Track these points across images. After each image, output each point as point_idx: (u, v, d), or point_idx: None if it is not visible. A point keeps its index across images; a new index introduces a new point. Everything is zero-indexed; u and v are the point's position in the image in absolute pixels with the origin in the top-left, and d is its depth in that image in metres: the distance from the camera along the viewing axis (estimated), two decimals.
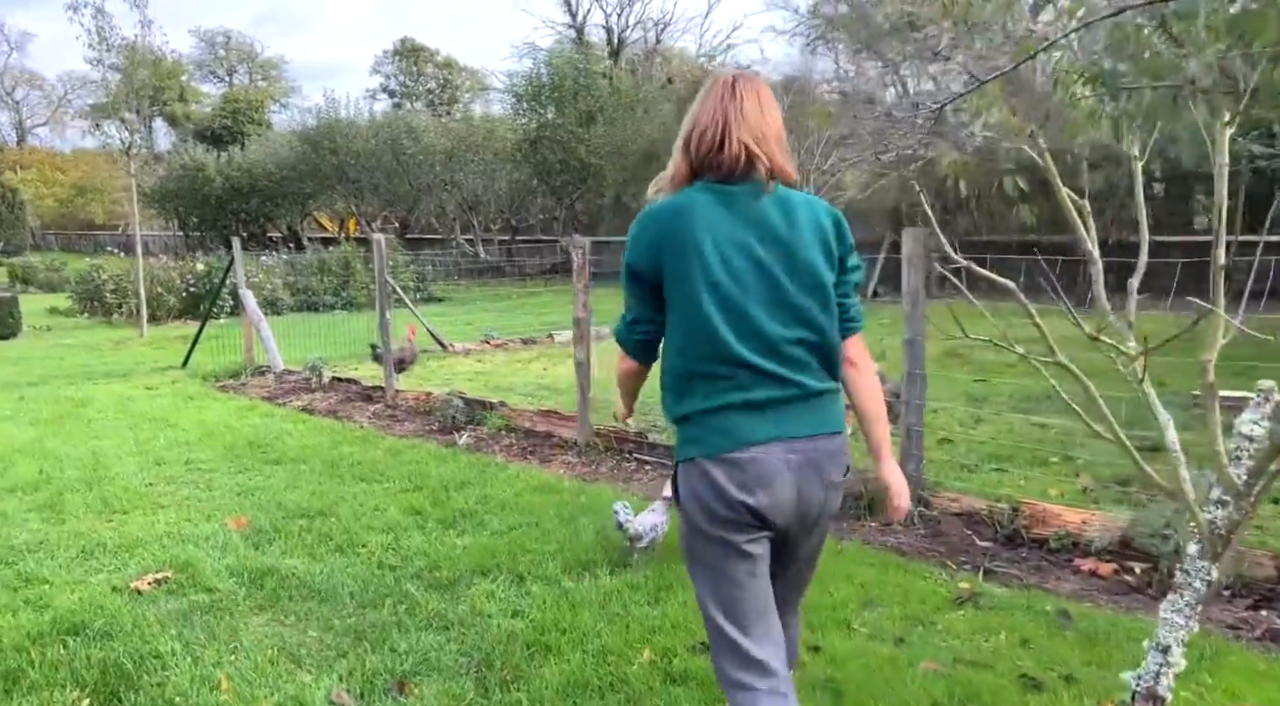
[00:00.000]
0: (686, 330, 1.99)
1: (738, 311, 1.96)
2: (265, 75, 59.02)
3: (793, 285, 1.98)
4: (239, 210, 29.51)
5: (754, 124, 2.02)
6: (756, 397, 1.96)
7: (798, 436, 1.97)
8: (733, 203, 2.00)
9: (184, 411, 7.82)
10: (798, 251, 1.99)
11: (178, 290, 16.33)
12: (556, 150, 19.69)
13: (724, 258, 1.97)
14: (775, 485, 1.94)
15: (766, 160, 2.00)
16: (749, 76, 2.11)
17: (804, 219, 2.02)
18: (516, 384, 8.91)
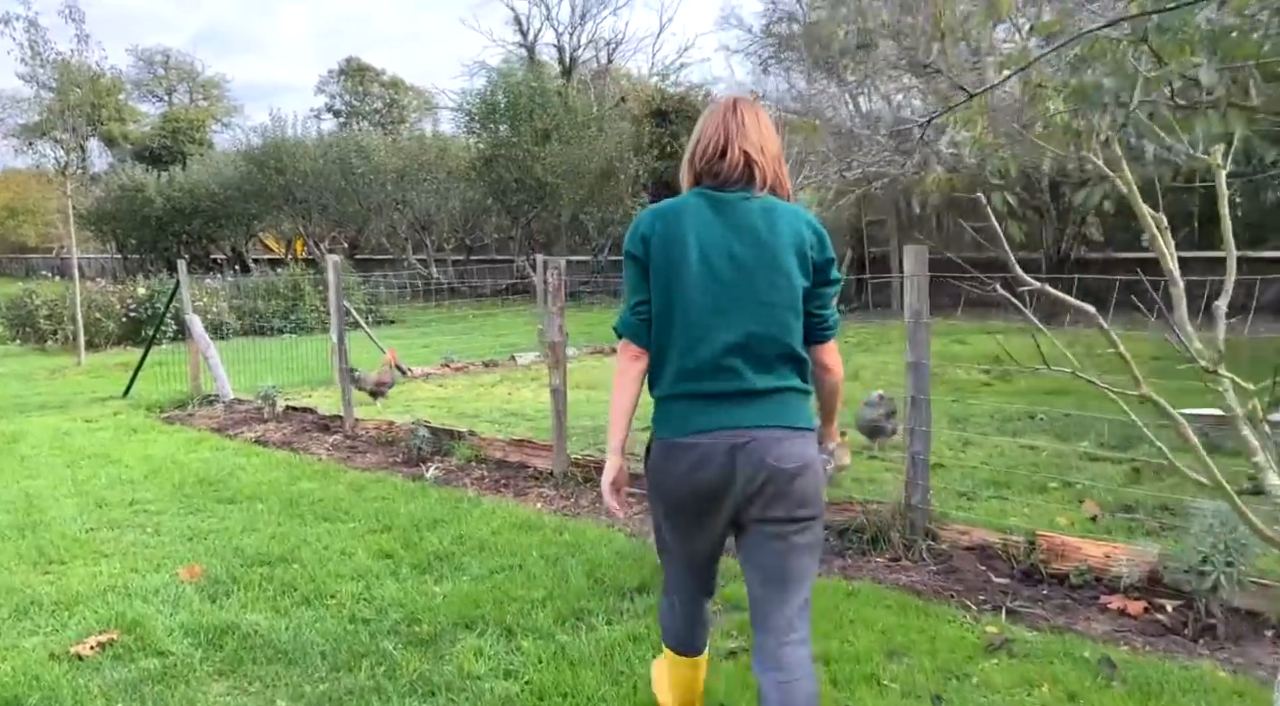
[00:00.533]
0: (668, 323, 2.22)
1: (711, 306, 2.18)
2: (206, 95, 57.84)
3: (767, 290, 2.18)
4: (180, 231, 28.60)
5: (753, 138, 2.26)
6: (713, 390, 2.18)
7: (745, 426, 2.15)
8: (721, 207, 2.22)
9: (127, 446, 7.33)
10: (778, 258, 2.19)
11: (117, 315, 15.65)
12: (512, 168, 19.37)
13: (704, 255, 2.18)
14: (709, 471, 2.15)
15: (764, 170, 2.24)
16: (747, 100, 2.34)
17: (785, 227, 2.21)
18: (482, 410, 8.56)
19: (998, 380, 8.86)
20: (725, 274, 2.18)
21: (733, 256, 2.19)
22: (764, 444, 2.15)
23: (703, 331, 2.18)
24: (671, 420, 2.23)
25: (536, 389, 9.85)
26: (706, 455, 2.16)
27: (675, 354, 2.22)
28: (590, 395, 9.34)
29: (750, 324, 2.17)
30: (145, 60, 55.95)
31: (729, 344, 2.17)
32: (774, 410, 2.19)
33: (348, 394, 7.64)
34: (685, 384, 2.21)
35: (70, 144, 12.33)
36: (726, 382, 2.17)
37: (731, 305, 2.17)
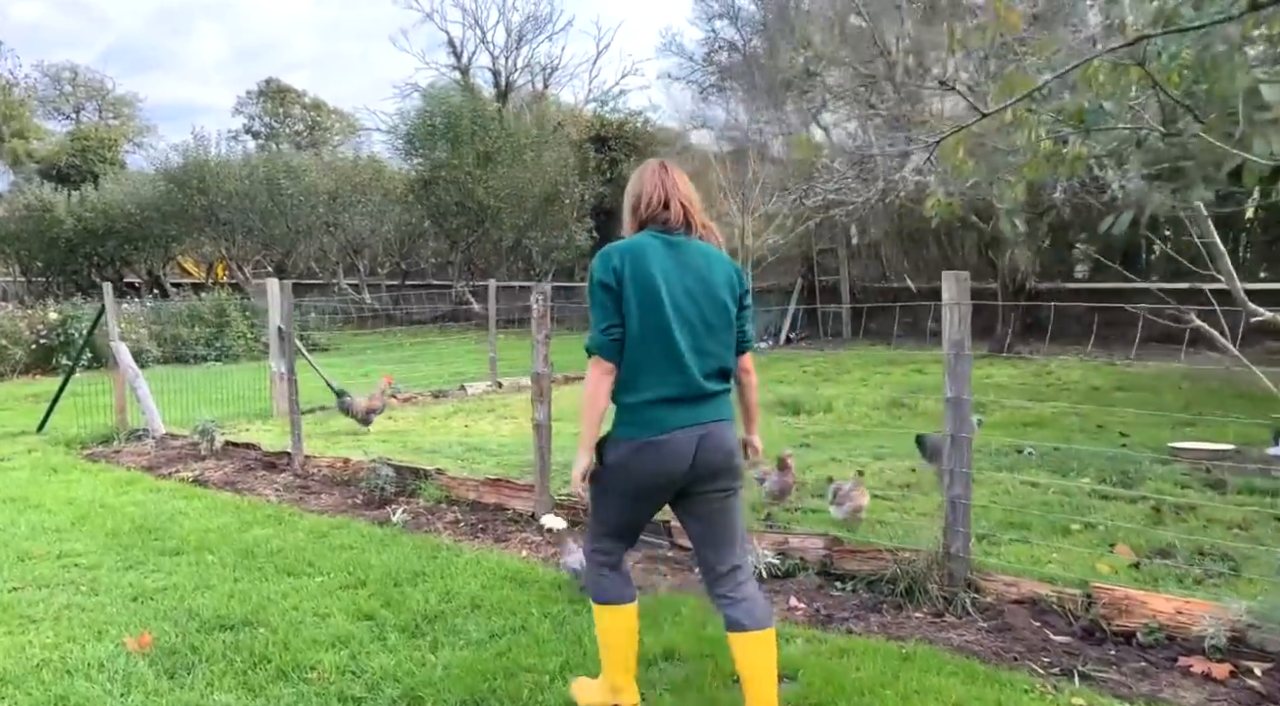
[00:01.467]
0: (644, 341, 2.71)
1: (677, 328, 2.72)
2: (117, 113, 55.75)
3: (711, 315, 2.78)
4: (92, 254, 27.11)
5: (684, 192, 2.85)
6: (681, 394, 2.72)
7: (702, 422, 2.74)
8: (674, 248, 2.78)
9: (47, 487, 6.61)
10: (716, 290, 2.79)
11: (26, 343, 14.56)
12: (452, 191, 18.83)
13: (670, 288, 2.72)
14: (680, 458, 2.72)
15: (696, 219, 2.83)
16: (670, 162, 2.94)
17: (718, 267, 2.83)
18: (440, 444, 8.03)
19: None
20: (684, 302, 2.75)
21: (687, 289, 2.76)
22: (715, 433, 2.78)
23: (672, 349, 2.71)
24: (648, 422, 2.73)
25: (494, 421, 9.36)
26: (679, 445, 2.72)
27: (650, 367, 2.72)
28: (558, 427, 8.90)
29: (703, 342, 2.76)
30: (51, 77, 53.70)
31: (690, 358, 2.74)
32: (720, 408, 2.82)
33: (297, 428, 7.05)
34: (659, 391, 2.72)
35: None
36: (689, 389, 2.73)
37: (690, 327, 2.74)
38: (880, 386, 10.36)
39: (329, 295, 23.36)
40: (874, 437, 7.64)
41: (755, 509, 5.41)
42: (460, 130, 18.73)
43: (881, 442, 7.35)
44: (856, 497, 4.80)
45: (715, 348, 2.78)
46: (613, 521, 2.93)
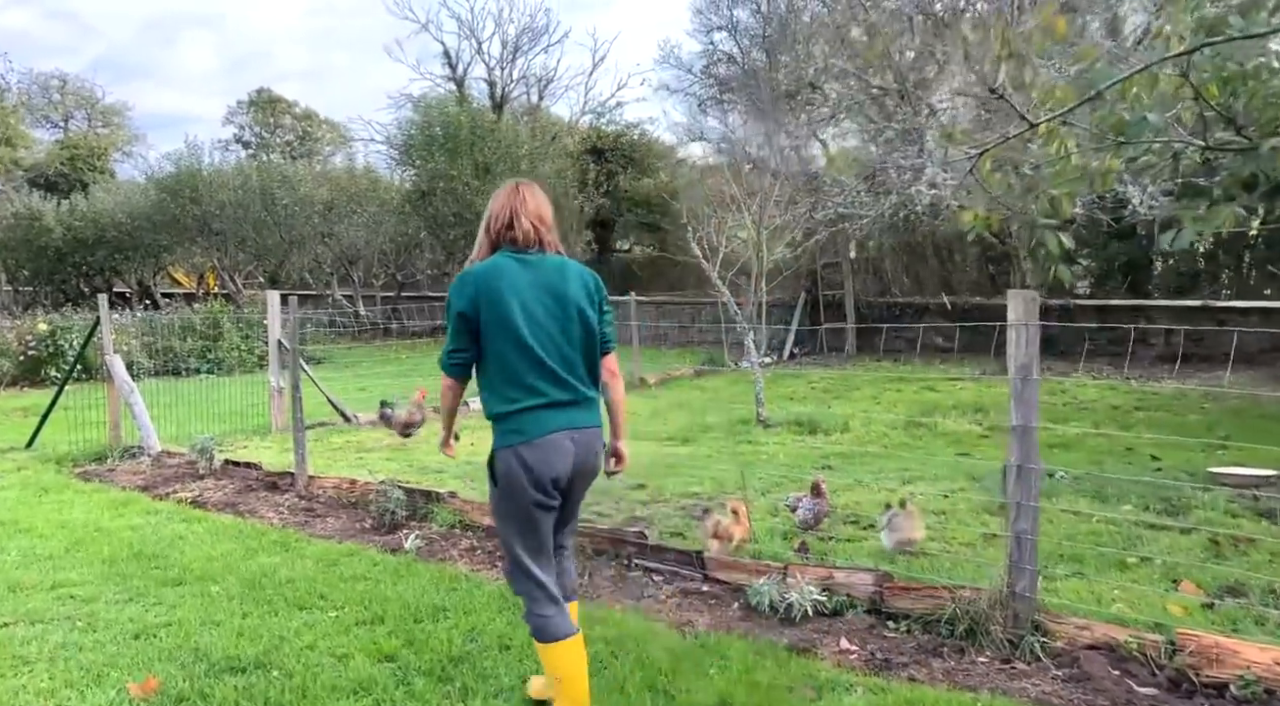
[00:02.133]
0: (504, 356, 2.89)
1: (539, 342, 2.89)
2: (106, 122, 55.40)
3: (570, 325, 2.94)
4: (81, 263, 26.70)
5: (533, 211, 2.99)
6: (555, 399, 2.91)
7: (576, 426, 2.94)
8: (528, 266, 2.93)
9: (38, 509, 6.30)
10: (573, 301, 2.95)
11: (14, 354, 14.20)
12: (450, 202, 18.57)
13: (525, 305, 2.88)
14: (563, 458, 2.90)
15: (546, 236, 2.99)
16: (528, 182, 3.11)
17: (574, 278, 2.99)
18: (446, 464, 7.75)
19: (995, 431, 8.48)
20: (542, 317, 2.91)
21: (544, 303, 2.92)
22: (586, 437, 2.99)
23: (536, 361, 2.89)
24: (526, 428, 2.90)
25: None
26: (560, 446, 2.91)
27: (518, 381, 2.90)
28: None
29: (566, 352, 2.95)
30: (40, 85, 53.29)
31: (556, 367, 2.92)
32: (591, 414, 3.01)
33: (301, 447, 6.76)
34: (532, 399, 2.90)
35: None
36: (559, 395, 2.92)
37: (550, 340, 2.92)
38: (894, 405, 10.13)
39: (322, 306, 23.05)
40: (896, 459, 7.40)
41: (787, 537, 5.16)
42: (459, 141, 18.49)
43: (906, 465, 7.11)
44: (908, 529, 4.56)
45: (578, 356, 2.99)
46: (527, 538, 3.01)
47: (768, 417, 8.88)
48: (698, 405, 10.90)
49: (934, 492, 6.09)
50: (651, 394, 12.17)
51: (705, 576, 4.53)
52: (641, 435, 8.99)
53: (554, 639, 2.97)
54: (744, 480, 5.66)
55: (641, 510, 6.02)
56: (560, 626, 2.99)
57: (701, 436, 8.77)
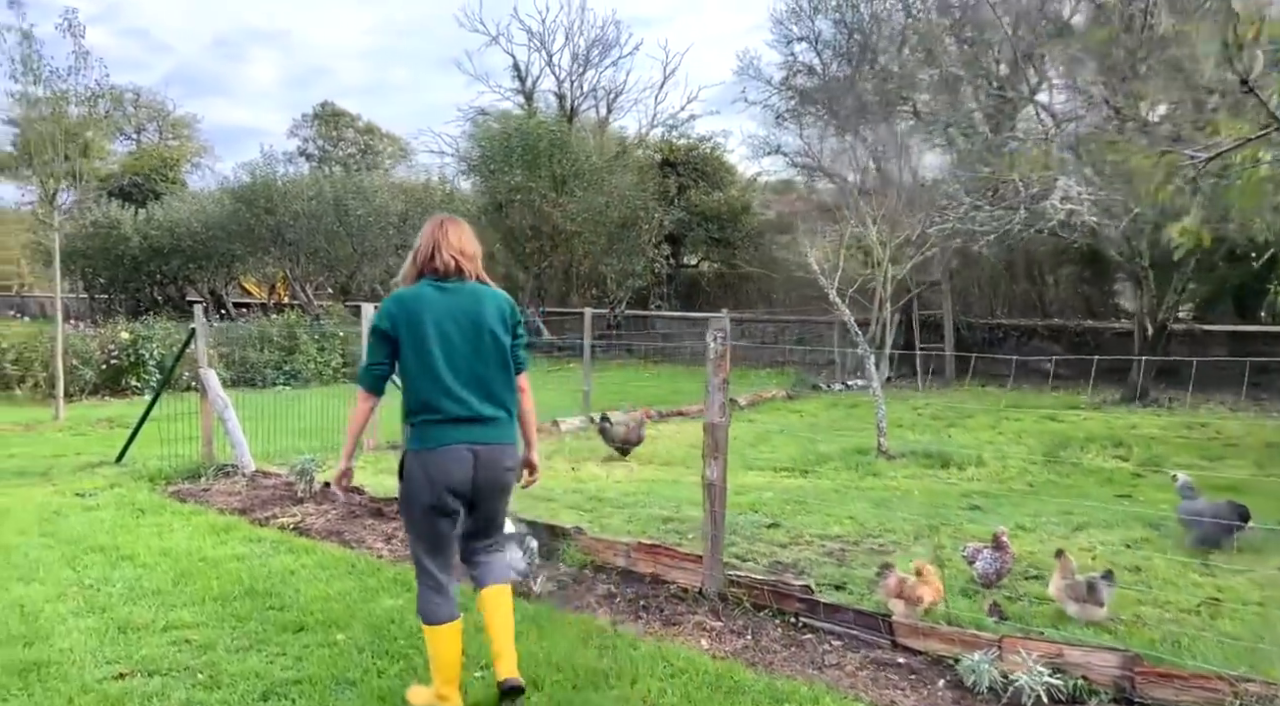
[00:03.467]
0: (418, 374, 3.26)
1: (450, 363, 3.25)
2: (176, 134, 56.75)
3: (482, 347, 3.30)
4: (155, 272, 27.01)
5: (454, 244, 3.35)
6: (457, 415, 3.26)
7: (478, 442, 3.29)
8: (446, 293, 3.30)
9: (138, 533, 5.95)
10: (485, 325, 3.31)
11: (96, 363, 14.13)
12: (527, 215, 18.26)
13: (441, 329, 3.26)
14: (461, 468, 3.26)
15: (466, 267, 3.34)
16: (453, 217, 3.50)
17: (489, 304, 3.36)
18: (554, 491, 7.28)
19: (1146, 469, 7.75)
20: (455, 339, 3.24)
21: (458, 325, 3.25)
22: (490, 453, 3.29)
23: (443, 379, 3.21)
24: (428, 438, 3.24)
25: (603, 465, 8.60)
26: (458, 456, 3.24)
27: (428, 395, 3.22)
28: (666, 474, 8.14)
29: (477, 371, 3.27)
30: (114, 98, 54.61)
31: (462, 387, 3.24)
32: (498, 430, 3.33)
33: None
34: (436, 413, 3.22)
35: (57, 170, 10.96)
36: (463, 411, 3.24)
37: (462, 360, 3.24)
38: (1019, 436, 9.44)
39: None
40: (1046, 500, 6.74)
41: (968, 594, 4.57)
42: (538, 152, 18.17)
43: (1064, 508, 6.45)
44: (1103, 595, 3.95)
45: (489, 375, 3.28)
46: (423, 533, 3.35)
47: (889, 448, 8.27)
48: (801, 430, 10.33)
49: (1113, 542, 5.45)
50: (746, 417, 11.61)
51: (894, 643, 3.96)
52: (752, 463, 8.45)
53: (437, 622, 3.35)
54: (934, 537, 5.07)
55: (783, 553, 5.47)
56: (442, 613, 3.36)
57: (819, 467, 8.19)
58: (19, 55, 10.09)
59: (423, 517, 3.30)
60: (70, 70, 10.41)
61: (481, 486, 3.29)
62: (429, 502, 3.25)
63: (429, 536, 3.33)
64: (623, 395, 13.47)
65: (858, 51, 22.00)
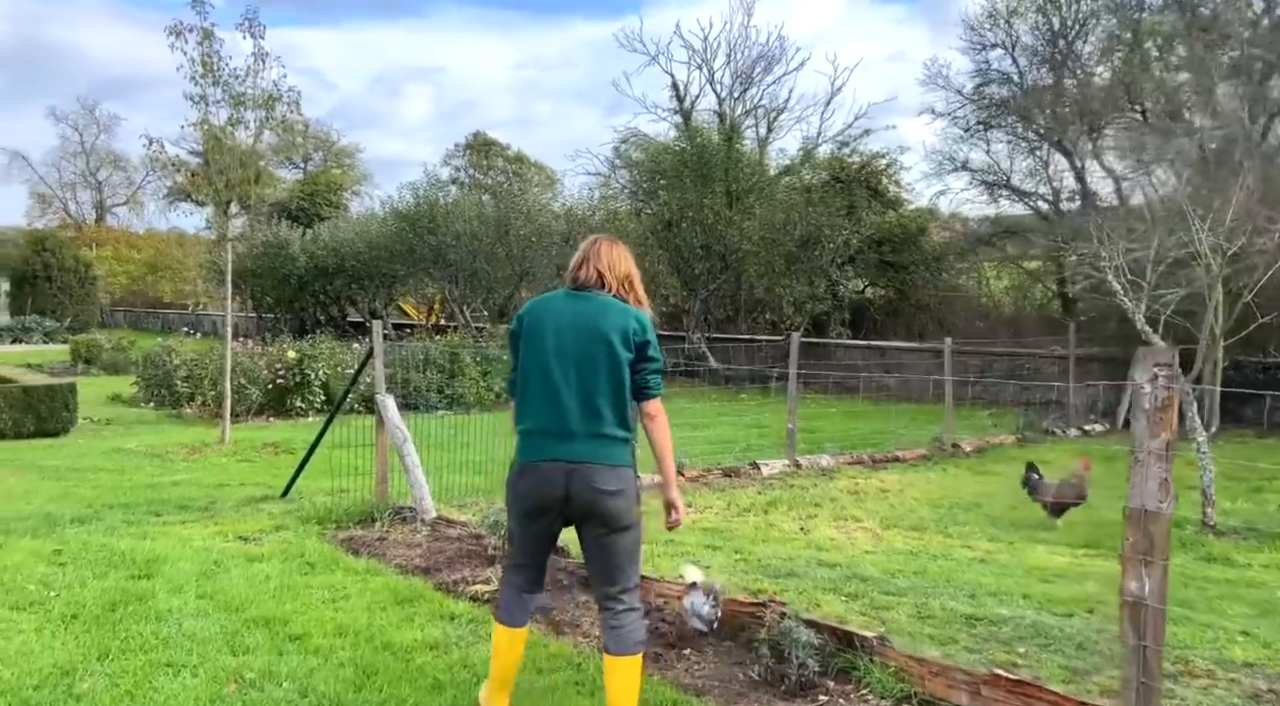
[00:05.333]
0: (528, 378, 3.21)
1: (560, 370, 3.13)
2: (339, 163, 59.22)
3: (596, 358, 3.12)
4: (319, 291, 27.31)
5: (605, 261, 3.26)
6: (555, 428, 3.12)
7: (571, 460, 3.09)
8: (574, 300, 3.23)
9: (307, 599, 4.86)
10: (602, 335, 3.13)
11: (263, 382, 13.67)
12: (699, 233, 17.00)
13: (559, 334, 3.16)
14: (550, 489, 3.11)
15: (611, 282, 3.23)
16: (612, 237, 3.43)
17: (615, 317, 3.16)
18: (792, 560, 5.84)
19: None
20: (570, 346, 3.14)
21: (577, 334, 3.15)
22: (585, 472, 3.09)
23: (549, 386, 3.13)
24: (525, 450, 3.21)
25: (832, 521, 7.10)
26: (548, 477, 3.13)
27: (533, 402, 3.18)
28: (920, 543, 6.56)
29: (586, 383, 3.12)
30: (284, 134, 57.31)
31: (566, 396, 3.12)
32: (595, 448, 3.11)
33: None
34: (537, 423, 3.16)
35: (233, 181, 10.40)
36: (561, 424, 3.11)
37: (571, 369, 3.13)
38: None
39: None
40: None
41: None
42: (713, 166, 16.93)
43: None
44: None
45: (597, 388, 3.11)
46: (515, 538, 3.40)
47: (1217, 522, 6.43)
48: None
49: None
50: (977, 466, 9.87)
51: None
52: (1035, 535, 6.76)
53: (502, 623, 3.37)
54: None
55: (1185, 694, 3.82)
56: (510, 616, 3.36)
57: (1109, 540, 6.43)
58: (198, 55, 9.56)
59: (515, 525, 3.34)
60: (249, 72, 9.83)
61: (579, 510, 3.13)
62: (519, 512, 3.26)
63: (518, 543, 3.37)
64: (812, 433, 11.89)
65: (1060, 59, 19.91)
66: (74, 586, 5.02)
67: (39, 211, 55.86)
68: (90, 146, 55.78)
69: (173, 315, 38.23)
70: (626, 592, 3.21)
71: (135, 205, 57.97)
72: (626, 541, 3.17)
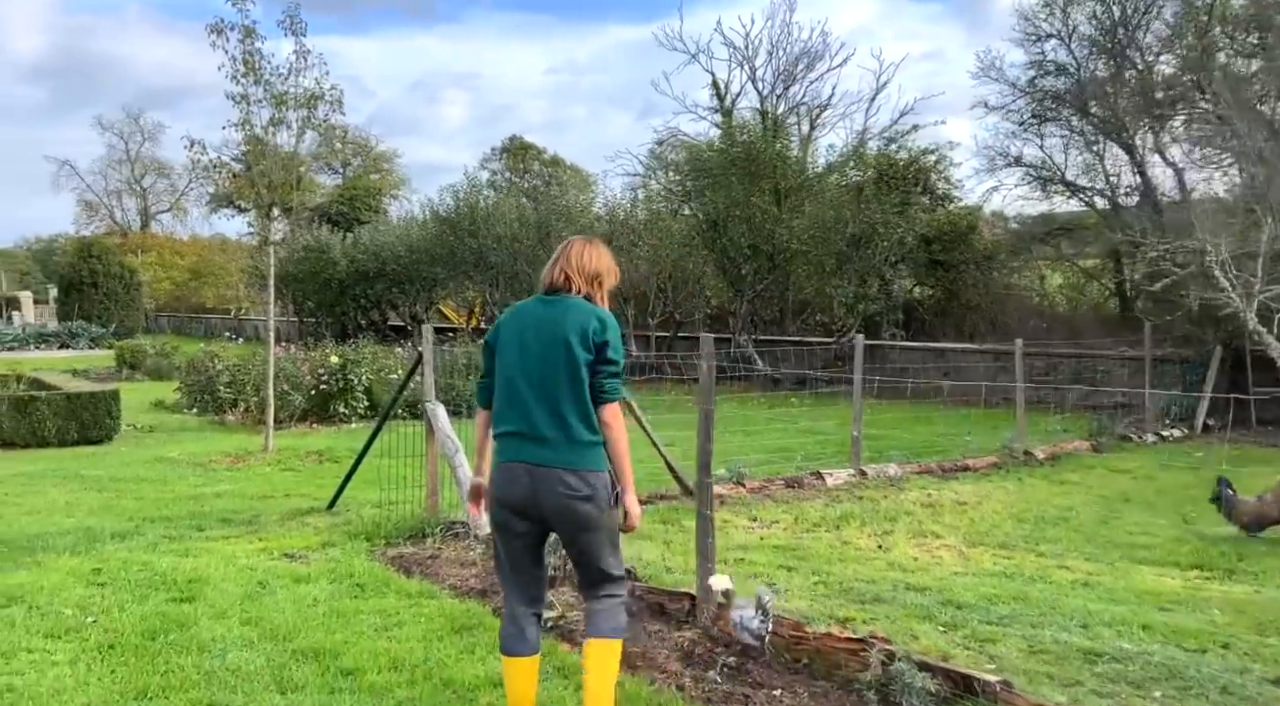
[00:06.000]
0: (499, 384, 3.25)
1: (525, 375, 3.16)
2: (377, 168, 59.60)
3: (555, 361, 3.13)
4: (360, 295, 27.21)
5: (574, 261, 3.29)
6: (520, 431, 3.15)
7: (534, 462, 3.12)
8: (542, 306, 3.26)
9: (359, 626, 4.51)
10: (561, 336, 3.13)
11: (305, 388, 13.43)
12: (746, 232, 16.54)
13: (523, 340, 3.21)
14: (517, 489, 3.14)
15: (577, 283, 3.25)
16: (589, 237, 3.50)
17: (575, 317, 3.16)
18: (874, 582, 5.39)
19: None
20: (534, 351, 3.16)
21: (540, 339, 3.16)
22: (548, 476, 3.10)
23: (516, 391, 3.17)
24: (498, 453, 3.24)
25: (911, 537, 6.61)
26: (514, 477, 3.16)
27: (503, 407, 3.21)
28: (1012, 562, 6.06)
29: (548, 387, 3.12)
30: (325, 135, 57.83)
31: (530, 401, 3.14)
32: (558, 452, 3.11)
33: (708, 555, 4.61)
34: (506, 427, 3.19)
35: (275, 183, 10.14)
36: (527, 428, 3.14)
37: (536, 374, 3.14)
38: None
39: None
40: None
41: None
42: (761, 163, 16.45)
43: None
44: None
45: (558, 392, 3.11)
46: (497, 553, 3.35)
47: None
48: (1154, 501, 7.98)
49: None
50: (1053, 476, 9.30)
51: None
52: (1131, 553, 6.23)
53: (504, 653, 3.30)
54: None
55: None
56: (510, 645, 3.28)
57: (1242, 564, 5.90)
58: (239, 54, 9.31)
59: (495, 535, 3.33)
60: (291, 70, 9.56)
61: (547, 513, 3.14)
62: (495, 520, 3.27)
63: (501, 557, 3.33)
64: (873, 441, 11.36)
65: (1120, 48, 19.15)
66: (113, 610, 4.72)
67: (86, 219, 56.87)
68: (135, 154, 56.61)
69: (215, 320, 38.50)
70: (608, 582, 3.28)
71: (179, 211, 58.79)
72: (600, 540, 3.19)
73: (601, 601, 3.28)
